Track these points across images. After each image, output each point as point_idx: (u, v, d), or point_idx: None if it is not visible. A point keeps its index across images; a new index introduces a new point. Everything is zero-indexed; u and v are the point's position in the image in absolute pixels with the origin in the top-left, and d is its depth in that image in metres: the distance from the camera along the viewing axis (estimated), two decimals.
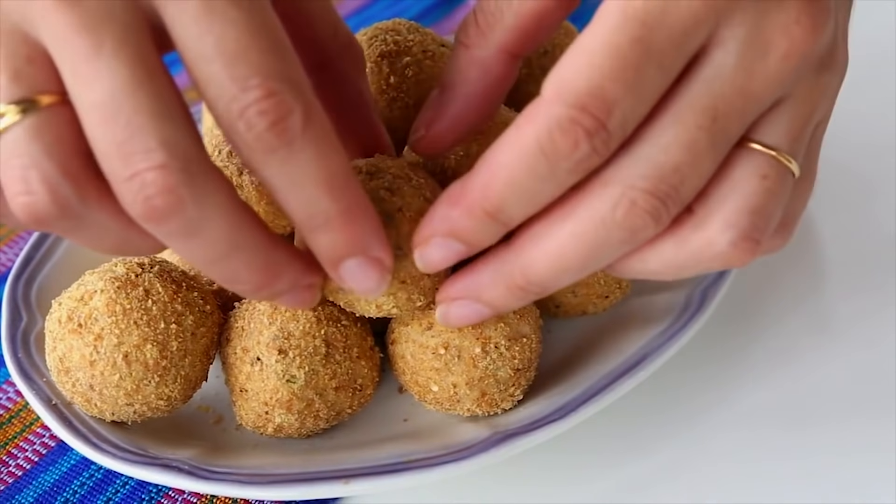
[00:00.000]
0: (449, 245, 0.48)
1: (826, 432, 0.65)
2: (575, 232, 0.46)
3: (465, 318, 0.53)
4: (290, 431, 0.61)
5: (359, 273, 0.48)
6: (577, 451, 0.64)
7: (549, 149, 0.44)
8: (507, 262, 0.49)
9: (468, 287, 0.52)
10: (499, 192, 0.45)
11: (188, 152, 0.42)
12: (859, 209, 0.80)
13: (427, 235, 0.49)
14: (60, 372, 0.59)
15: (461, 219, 0.47)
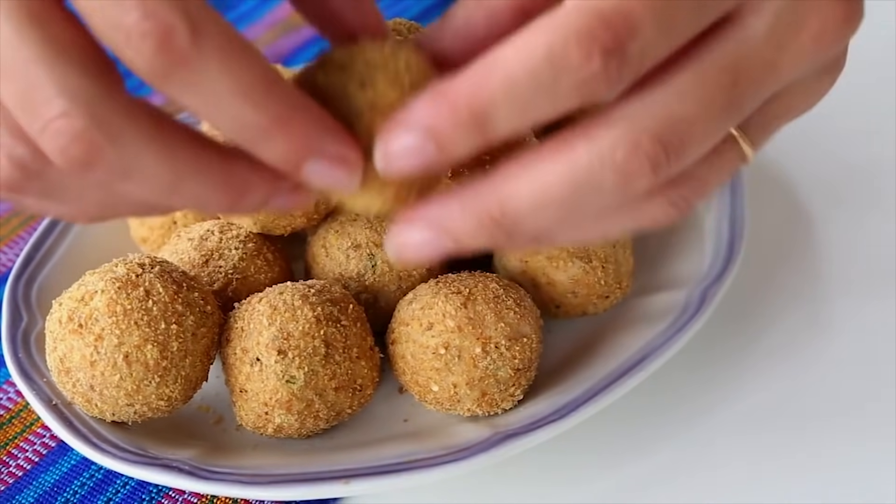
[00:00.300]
0: (418, 143, 0.43)
1: (826, 432, 0.65)
2: (567, 167, 0.43)
3: (420, 247, 0.46)
4: (290, 432, 0.61)
5: (322, 173, 0.44)
6: (577, 451, 0.64)
7: (558, 57, 0.40)
8: (485, 191, 0.44)
9: (433, 212, 0.46)
10: (491, 92, 0.41)
11: (91, 94, 0.40)
12: (859, 209, 0.80)
13: (396, 127, 0.43)
14: (61, 372, 0.59)
15: (441, 116, 0.42)
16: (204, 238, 0.67)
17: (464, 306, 0.60)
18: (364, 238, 0.66)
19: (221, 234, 0.68)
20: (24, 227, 0.83)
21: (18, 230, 0.82)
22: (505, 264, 0.68)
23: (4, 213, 0.84)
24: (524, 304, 0.62)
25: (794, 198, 0.81)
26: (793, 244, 0.78)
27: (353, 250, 0.66)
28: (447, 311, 0.60)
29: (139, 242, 0.75)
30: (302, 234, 0.70)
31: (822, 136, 0.52)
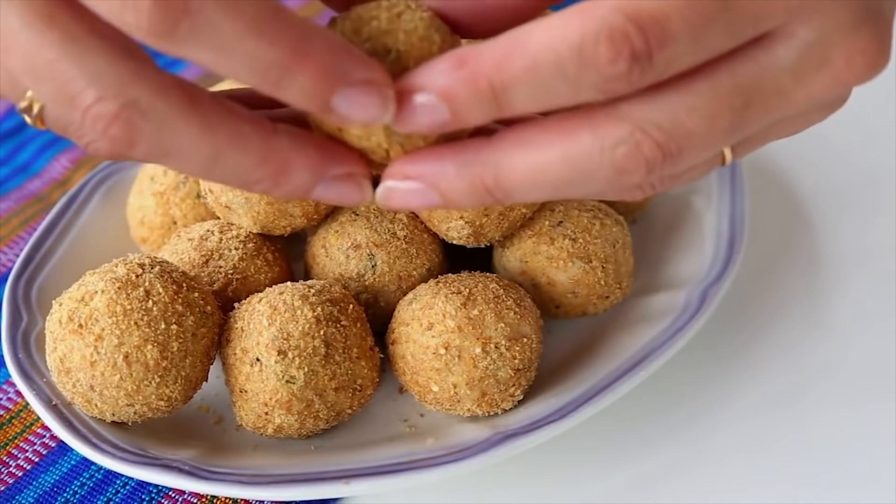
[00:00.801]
0: (433, 106, 0.43)
1: (826, 431, 0.65)
2: (568, 152, 0.44)
3: (409, 201, 0.46)
4: (290, 432, 0.61)
5: (354, 104, 0.42)
6: (577, 451, 0.64)
7: (588, 51, 0.40)
8: (483, 158, 0.45)
9: (428, 170, 0.45)
10: (515, 70, 0.41)
11: (120, 76, 0.41)
12: (859, 209, 0.80)
13: (414, 84, 0.43)
14: (61, 372, 0.59)
15: (461, 82, 0.42)
16: (204, 238, 0.67)
17: (464, 306, 0.60)
18: (364, 238, 0.66)
19: (221, 234, 0.68)
20: (24, 228, 0.83)
21: (18, 230, 0.82)
22: (505, 264, 0.68)
23: (4, 214, 0.84)
24: (524, 305, 0.62)
25: (794, 198, 0.81)
26: (793, 244, 0.78)
27: (353, 250, 0.66)
28: (447, 311, 0.60)
29: (139, 242, 0.75)
30: (302, 234, 0.70)
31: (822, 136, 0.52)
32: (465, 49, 0.42)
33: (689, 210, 0.76)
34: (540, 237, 0.66)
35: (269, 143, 0.44)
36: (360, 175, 0.46)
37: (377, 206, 0.67)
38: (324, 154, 0.45)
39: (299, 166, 0.44)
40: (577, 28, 0.40)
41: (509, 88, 0.42)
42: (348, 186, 0.46)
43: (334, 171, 0.45)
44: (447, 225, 0.65)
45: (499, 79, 0.42)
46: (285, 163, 0.44)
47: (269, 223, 0.67)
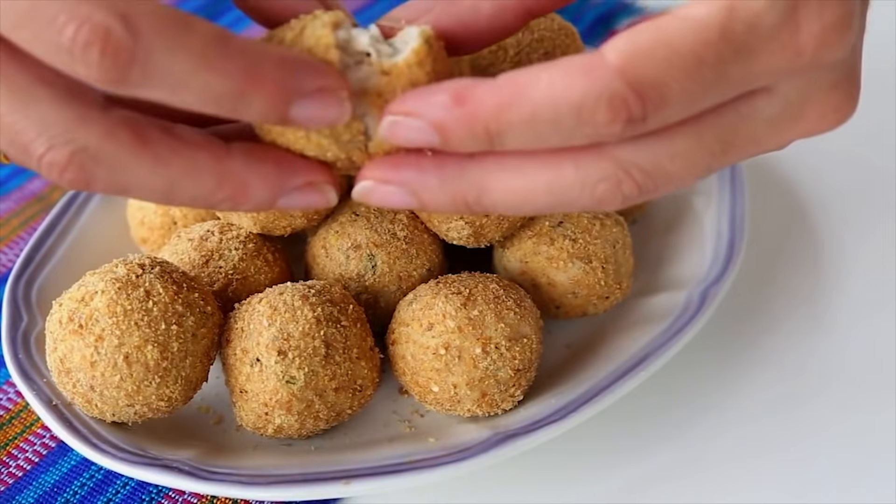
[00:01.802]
0: (426, 133, 0.44)
1: (826, 432, 0.65)
2: (551, 184, 0.45)
3: (387, 202, 0.48)
4: (290, 432, 0.61)
5: (312, 112, 0.44)
6: (577, 452, 0.64)
7: (587, 112, 0.42)
8: (466, 176, 0.46)
9: (409, 178, 0.47)
10: (513, 119, 0.43)
11: (67, 123, 0.43)
12: (859, 209, 0.80)
13: (411, 110, 0.44)
14: (61, 373, 0.59)
15: (458, 121, 0.44)
16: (204, 238, 0.67)
17: (464, 307, 0.60)
18: (364, 238, 0.66)
19: (221, 234, 0.68)
20: (24, 228, 0.83)
21: (18, 230, 0.82)
22: (505, 265, 0.68)
23: (4, 214, 0.84)
24: (524, 305, 0.62)
25: (795, 198, 0.81)
26: (793, 244, 0.78)
27: (353, 251, 0.66)
28: (447, 311, 0.60)
29: (139, 243, 0.75)
30: (302, 234, 0.70)
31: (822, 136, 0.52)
32: (465, 86, 0.44)
33: (689, 210, 0.76)
34: (540, 237, 0.66)
35: (223, 166, 0.45)
36: (321, 182, 0.48)
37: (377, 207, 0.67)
38: (280, 168, 0.46)
39: (257, 184, 0.46)
40: (580, 89, 0.42)
41: (504, 134, 0.44)
42: (310, 195, 0.47)
43: (292, 183, 0.47)
44: (447, 225, 0.65)
45: (496, 125, 0.43)
46: (242, 183, 0.46)
47: (269, 223, 0.67)
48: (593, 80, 0.42)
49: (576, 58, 0.43)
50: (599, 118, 0.42)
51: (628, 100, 0.42)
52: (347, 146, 0.47)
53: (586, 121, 0.43)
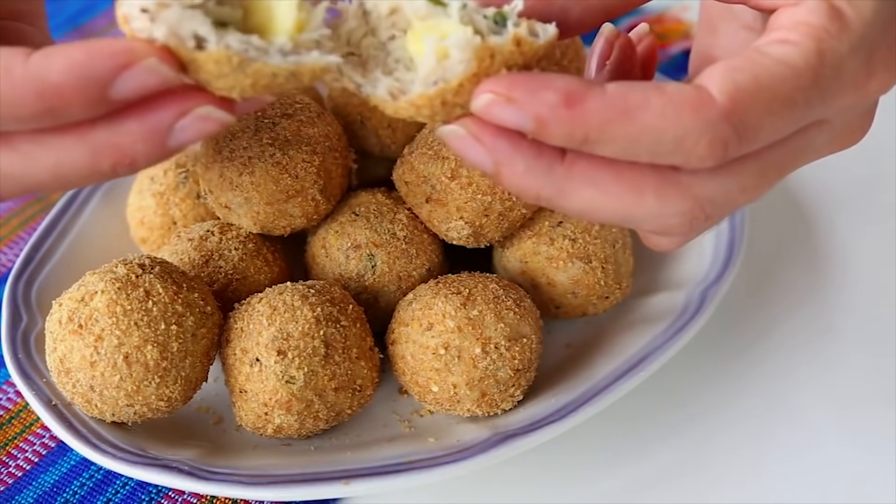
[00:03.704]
0: (524, 121, 0.45)
1: (826, 432, 0.65)
2: (628, 207, 0.47)
3: (466, 154, 0.49)
4: (290, 432, 0.61)
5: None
6: (577, 452, 0.64)
7: (688, 144, 0.45)
8: (553, 178, 0.47)
9: (501, 151, 0.47)
10: (614, 134, 0.45)
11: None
12: (859, 209, 0.80)
13: (517, 98, 0.45)
14: (61, 373, 0.59)
15: (561, 121, 0.45)
16: (204, 238, 0.67)
17: (463, 307, 0.60)
18: (364, 238, 0.66)
19: (221, 234, 0.68)
20: (24, 228, 0.83)
21: (18, 230, 0.82)
22: (505, 265, 0.68)
23: (4, 214, 0.84)
24: (524, 305, 0.62)
25: (794, 199, 0.81)
26: (793, 245, 0.78)
27: (352, 251, 0.66)
28: (447, 311, 0.60)
29: (139, 243, 0.75)
30: (302, 234, 0.70)
31: None
32: (576, 90, 0.45)
33: None
34: (540, 237, 0.66)
35: (90, 140, 0.47)
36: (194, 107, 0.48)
37: (377, 207, 0.67)
38: (147, 115, 0.48)
39: (131, 142, 0.48)
40: (688, 124, 0.45)
41: (601, 143, 0.45)
42: (195, 125, 0.48)
43: (164, 123, 0.48)
44: (447, 225, 0.65)
45: (596, 134, 0.45)
46: (117, 147, 0.47)
47: (268, 223, 0.67)
48: (701, 119, 0.45)
49: (686, 90, 0.45)
50: (699, 152, 0.45)
51: (729, 142, 0.45)
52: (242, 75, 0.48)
53: (684, 151, 0.45)
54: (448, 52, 0.48)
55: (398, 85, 0.49)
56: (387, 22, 0.51)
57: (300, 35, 0.49)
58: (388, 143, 0.70)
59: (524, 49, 0.48)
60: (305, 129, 0.65)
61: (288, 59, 0.48)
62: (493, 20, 0.49)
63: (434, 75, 0.48)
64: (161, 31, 0.46)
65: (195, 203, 0.72)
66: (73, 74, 0.45)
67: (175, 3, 0.47)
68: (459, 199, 0.64)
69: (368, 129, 0.70)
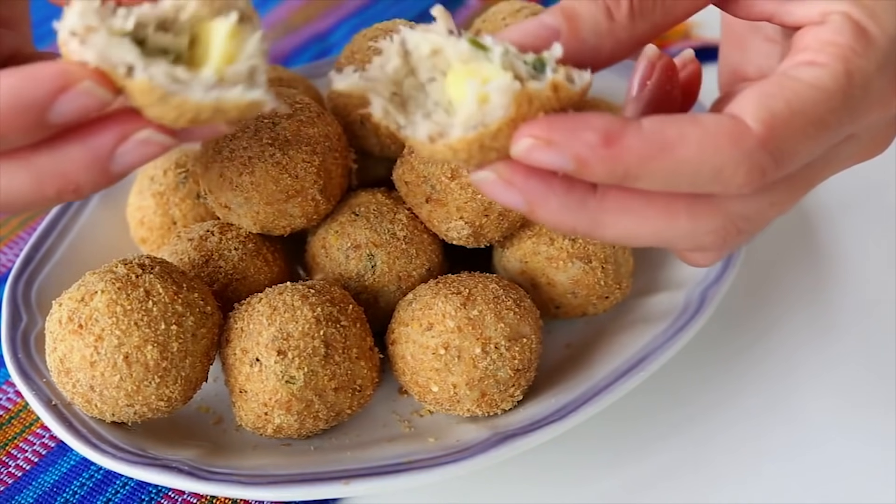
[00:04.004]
0: (565, 162, 0.46)
1: (826, 432, 0.65)
2: (663, 231, 0.48)
3: (499, 198, 0.49)
4: (290, 432, 0.61)
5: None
6: (577, 452, 0.64)
7: (727, 174, 0.46)
8: (586, 210, 0.48)
9: (533, 191, 0.48)
10: (654, 169, 0.46)
11: None
12: (859, 209, 0.80)
13: (557, 141, 0.46)
14: (61, 373, 0.59)
15: (601, 161, 0.46)
16: (204, 238, 0.67)
17: (463, 307, 0.60)
18: (364, 238, 0.66)
19: (221, 234, 0.68)
20: (23, 228, 0.83)
21: (18, 230, 0.82)
22: (505, 265, 0.68)
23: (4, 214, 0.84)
24: (524, 305, 0.62)
25: None
26: (793, 245, 0.78)
27: (352, 250, 0.66)
28: (447, 311, 0.60)
29: (139, 243, 0.75)
30: (302, 234, 0.70)
31: None
32: (614, 129, 0.46)
33: None
34: (540, 237, 0.66)
35: (33, 166, 0.48)
36: (133, 132, 0.48)
37: (377, 207, 0.67)
38: (88, 140, 0.48)
39: (74, 169, 0.48)
40: (726, 155, 0.45)
41: (641, 178, 0.46)
42: (138, 149, 0.48)
43: (104, 148, 0.48)
44: (447, 225, 0.65)
45: (636, 171, 0.46)
46: (61, 173, 0.48)
47: (268, 223, 0.67)
48: (739, 149, 0.45)
49: (722, 121, 0.46)
50: (738, 181, 0.46)
51: (767, 168, 0.46)
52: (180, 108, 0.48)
53: (722, 181, 0.46)
54: (488, 97, 0.48)
55: (437, 129, 0.49)
56: (427, 63, 0.51)
57: (230, 66, 0.48)
58: (388, 143, 0.70)
59: (561, 95, 0.48)
60: (305, 129, 0.65)
61: (209, 94, 0.47)
62: (533, 66, 0.49)
63: (474, 119, 0.48)
64: (91, 55, 0.46)
65: (195, 203, 0.72)
66: (9, 100, 0.45)
67: (102, 28, 0.46)
68: (459, 199, 0.64)
69: (368, 129, 0.70)
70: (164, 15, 0.48)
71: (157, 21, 0.48)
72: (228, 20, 0.47)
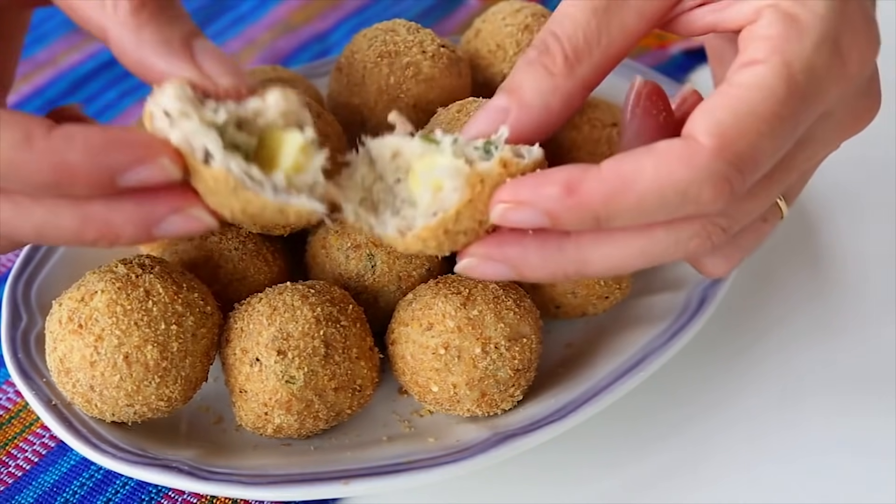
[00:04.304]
0: (538, 218, 0.49)
1: (826, 432, 0.65)
2: (645, 249, 0.50)
3: (489, 276, 0.53)
4: (290, 432, 0.61)
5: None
6: (577, 451, 0.64)
7: (692, 195, 0.46)
8: (566, 254, 0.50)
9: (512, 257, 0.52)
10: (620, 207, 0.47)
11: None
12: (859, 209, 0.80)
13: (524, 200, 0.49)
14: (61, 373, 0.59)
15: (569, 210, 0.48)
16: (204, 238, 0.67)
17: (463, 307, 0.60)
18: (364, 238, 0.66)
19: (221, 234, 0.67)
20: None
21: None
22: None
23: None
24: (524, 305, 0.62)
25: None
26: (793, 245, 0.78)
27: (352, 251, 0.66)
28: (447, 311, 0.60)
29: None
30: (302, 234, 0.70)
31: None
32: (573, 178, 0.48)
33: None
34: None
35: (83, 211, 0.50)
36: (186, 208, 0.51)
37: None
38: (144, 203, 0.51)
39: (122, 223, 0.51)
40: (684, 176, 0.46)
41: (612, 218, 0.48)
42: (184, 223, 0.52)
43: (156, 214, 0.51)
44: None
45: (604, 211, 0.47)
46: (107, 223, 0.51)
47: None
48: (695, 167, 0.46)
49: (673, 145, 0.47)
50: (704, 198, 0.47)
51: (730, 178, 0.47)
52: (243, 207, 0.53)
53: (691, 201, 0.47)
54: (441, 184, 0.52)
55: (404, 222, 0.54)
56: (391, 165, 0.55)
57: (296, 175, 0.53)
58: None
59: (511, 171, 0.52)
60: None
61: (278, 196, 0.52)
62: (484, 150, 0.53)
63: (432, 207, 0.53)
64: (176, 136, 0.51)
65: None
66: (90, 158, 0.48)
67: (195, 116, 0.51)
68: None
69: (368, 130, 0.70)
70: (245, 115, 0.53)
71: (237, 119, 0.53)
72: (305, 136, 0.53)
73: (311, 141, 0.53)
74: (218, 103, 0.52)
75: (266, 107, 0.53)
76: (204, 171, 0.51)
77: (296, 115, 0.54)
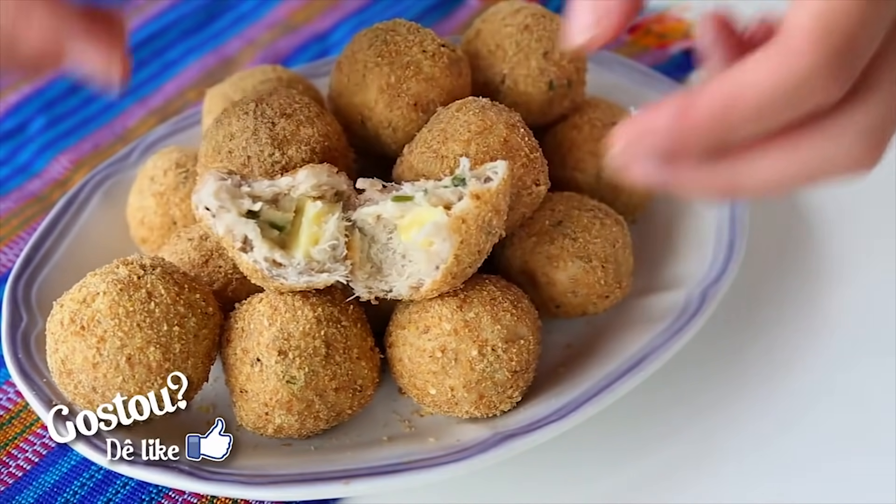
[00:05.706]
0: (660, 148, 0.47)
1: (826, 431, 0.65)
2: (803, 165, 0.48)
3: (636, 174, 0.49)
4: (291, 432, 0.61)
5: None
6: (577, 451, 0.64)
7: (807, 85, 0.44)
8: (721, 171, 0.48)
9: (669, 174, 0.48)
10: (741, 113, 0.45)
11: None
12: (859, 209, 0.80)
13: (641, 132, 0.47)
14: (62, 374, 0.59)
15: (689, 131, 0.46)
16: (204, 238, 0.67)
17: (460, 309, 0.60)
18: None
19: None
20: (24, 228, 0.83)
21: (18, 230, 0.82)
22: (505, 264, 0.68)
23: (4, 214, 0.84)
24: (521, 306, 0.62)
25: (794, 198, 0.81)
26: (793, 245, 0.78)
27: None
28: (443, 314, 0.60)
29: (139, 243, 0.75)
30: None
31: None
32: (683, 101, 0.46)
33: (689, 210, 0.76)
34: (540, 237, 0.66)
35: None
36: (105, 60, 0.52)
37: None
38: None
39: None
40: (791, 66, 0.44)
41: (736, 128, 0.46)
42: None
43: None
44: None
45: (727, 122, 0.45)
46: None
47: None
48: (800, 57, 0.44)
49: (772, 46, 0.45)
50: (819, 84, 0.45)
51: (834, 67, 0.44)
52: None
53: (809, 88, 0.45)
54: (430, 241, 0.57)
55: (412, 281, 0.59)
56: (379, 227, 0.60)
57: (315, 247, 0.59)
58: (389, 143, 0.70)
59: (486, 199, 0.57)
60: (304, 128, 0.65)
61: (301, 279, 0.59)
62: (454, 184, 0.58)
63: (432, 262, 0.58)
64: (220, 228, 0.58)
65: None
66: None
67: (233, 210, 0.58)
68: None
69: (368, 129, 0.70)
70: (278, 191, 0.60)
71: (272, 196, 0.59)
72: (315, 206, 0.58)
73: (320, 210, 0.59)
74: (253, 184, 0.59)
75: (297, 182, 0.59)
76: (240, 262, 0.59)
77: (329, 184, 0.60)
